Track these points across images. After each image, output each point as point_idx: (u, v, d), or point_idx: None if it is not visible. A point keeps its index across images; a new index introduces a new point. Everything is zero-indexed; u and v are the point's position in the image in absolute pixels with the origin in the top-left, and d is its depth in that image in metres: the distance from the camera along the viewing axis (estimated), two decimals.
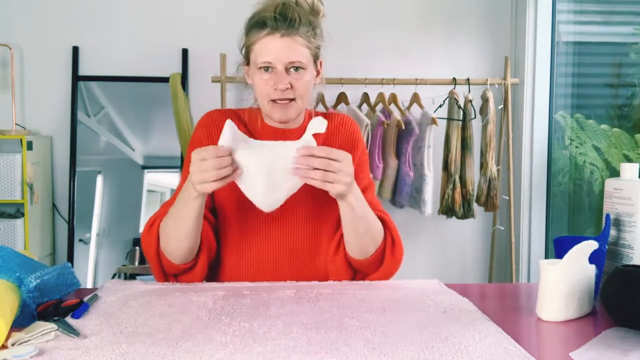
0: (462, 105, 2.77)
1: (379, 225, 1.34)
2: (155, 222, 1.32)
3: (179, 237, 1.27)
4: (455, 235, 3.13)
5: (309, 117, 1.44)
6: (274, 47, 1.27)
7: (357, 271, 1.41)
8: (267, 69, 1.29)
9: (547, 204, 3.01)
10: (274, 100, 1.31)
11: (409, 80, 2.76)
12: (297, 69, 1.29)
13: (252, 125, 1.41)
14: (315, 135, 1.42)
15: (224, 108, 1.47)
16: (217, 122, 1.39)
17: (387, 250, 1.36)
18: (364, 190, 1.40)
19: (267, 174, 1.18)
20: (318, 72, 1.38)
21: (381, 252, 1.36)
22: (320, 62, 1.38)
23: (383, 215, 1.39)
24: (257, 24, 1.28)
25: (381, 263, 1.37)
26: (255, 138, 1.38)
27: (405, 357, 0.88)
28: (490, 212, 2.95)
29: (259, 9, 1.31)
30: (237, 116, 1.42)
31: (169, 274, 1.35)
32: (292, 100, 1.31)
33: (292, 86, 1.29)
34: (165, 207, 1.35)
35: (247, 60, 1.35)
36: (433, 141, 2.75)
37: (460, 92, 2.80)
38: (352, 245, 1.34)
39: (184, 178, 1.40)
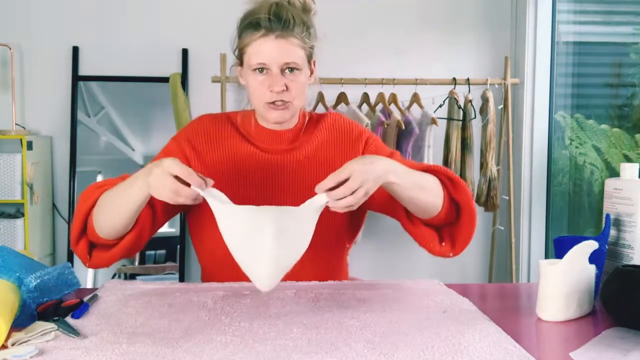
0: (462, 105, 2.77)
1: (430, 180, 1.25)
2: (103, 187, 1.24)
3: (112, 215, 1.19)
4: None
5: (303, 117, 1.43)
6: (268, 49, 1.25)
7: (442, 233, 1.32)
8: (261, 70, 1.27)
9: (547, 204, 3.01)
10: (269, 103, 1.30)
11: (409, 80, 2.76)
12: (292, 70, 1.28)
13: (245, 128, 1.40)
14: (311, 137, 1.38)
15: (219, 112, 1.44)
16: (206, 131, 1.36)
17: (451, 191, 1.28)
18: (391, 156, 1.32)
19: (278, 235, 1.04)
20: (312, 72, 1.35)
21: (449, 199, 1.28)
22: (314, 62, 1.36)
23: (425, 167, 1.30)
24: (250, 25, 1.26)
25: (458, 210, 1.30)
26: (249, 140, 1.37)
27: (405, 357, 0.88)
28: (490, 212, 2.95)
29: (251, 9, 1.28)
30: (230, 120, 1.41)
31: (90, 240, 1.27)
32: (287, 102, 1.30)
33: (287, 88, 1.27)
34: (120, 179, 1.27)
35: (240, 61, 1.33)
36: (433, 141, 2.75)
37: (460, 92, 2.80)
38: (420, 212, 1.26)
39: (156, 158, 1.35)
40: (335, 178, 1.08)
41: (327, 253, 1.40)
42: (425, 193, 1.24)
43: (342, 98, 2.76)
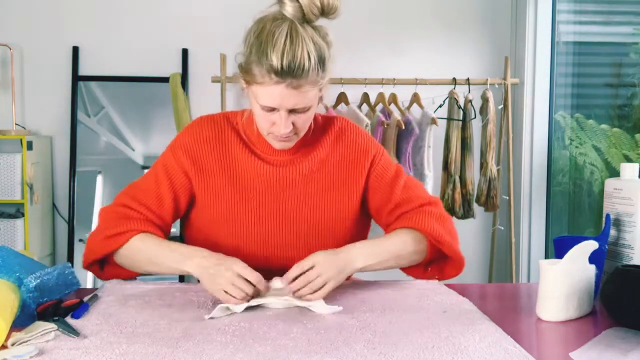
0: (462, 105, 2.77)
1: (409, 244, 1.28)
2: (125, 234, 1.25)
3: (141, 270, 1.29)
4: None
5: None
6: (278, 95, 1.16)
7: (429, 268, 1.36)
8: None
9: (547, 204, 3.01)
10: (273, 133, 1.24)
11: (409, 80, 2.76)
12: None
13: (247, 133, 1.32)
14: (316, 146, 1.33)
15: (217, 113, 1.37)
16: (206, 138, 1.31)
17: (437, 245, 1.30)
18: (394, 181, 1.34)
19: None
20: (321, 97, 1.27)
21: (433, 247, 1.31)
22: (326, 85, 1.25)
23: (417, 209, 1.30)
24: (262, 64, 1.14)
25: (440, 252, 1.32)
26: (251, 145, 1.32)
27: (405, 357, 0.88)
28: (490, 212, 2.95)
29: (264, 38, 1.14)
30: (230, 123, 1.33)
31: (102, 262, 1.33)
32: (292, 135, 1.24)
33: (293, 124, 1.21)
34: (124, 198, 1.30)
35: (245, 78, 1.21)
36: (433, 141, 2.75)
37: (460, 92, 2.80)
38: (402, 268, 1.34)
39: (153, 170, 1.33)
40: (299, 269, 1.16)
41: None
42: (404, 259, 1.29)
43: (342, 98, 2.77)
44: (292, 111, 1.19)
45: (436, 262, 1.35)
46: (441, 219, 1.32)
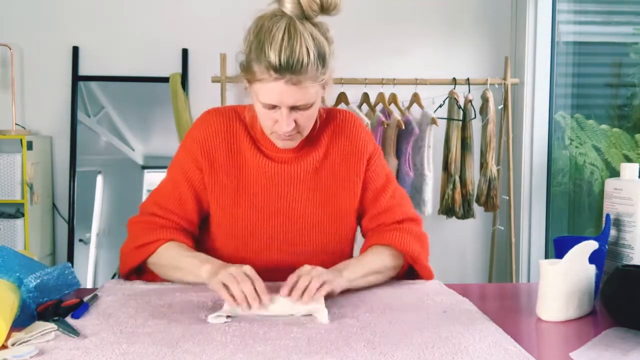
0: (462, 105, 2.77)
1: (386, 261, 1.32)
2: (153, 244, 1.29)
3: (169, 277, 1.31)
4: (455, 235, 3.13)
5: None
6: (278, 92, 1.15)
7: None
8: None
9: (547, 204, 3.01)
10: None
11: (409, 80, 2.76)
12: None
13: (253, 127, 1.31)
14: (319, 142, 1.33)
15: (225, 107, 1.37)
16: (217, 131, 1.31)
17: (416, 265, 1.37)
18: (383, 187, 1.36)
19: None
20: (325, 89, 1.24)
21: (406, 267, 1.37)
22: (328, 82, 1.23)
23: (397, 225, 1.35)
24: (260, 61, 1.13)
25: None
26: (257, 144, 1.32)
27: (405, 357, 0.88)
28: (490, 212, 2.95)
29: (262, 35, 1.14)
30: (238, 115, 1.33)
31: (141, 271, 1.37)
32: (295, 133, 1.23)
33: (296, 122, 1.20)
34: (148, 206, 1.34)
35: (246, 76, 1.20)
36: (433, 141, 2.75)
37: (460, 92, 2.80)
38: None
39: (170, 173, 1.36)
40: (295, 276, 1.15)
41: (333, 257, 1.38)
42: (382, 274, 1.31)
43: (342, 98, 2.76)
44: (293, 108, 1.18)
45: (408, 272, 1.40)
46: (419, 237, 1.37)
